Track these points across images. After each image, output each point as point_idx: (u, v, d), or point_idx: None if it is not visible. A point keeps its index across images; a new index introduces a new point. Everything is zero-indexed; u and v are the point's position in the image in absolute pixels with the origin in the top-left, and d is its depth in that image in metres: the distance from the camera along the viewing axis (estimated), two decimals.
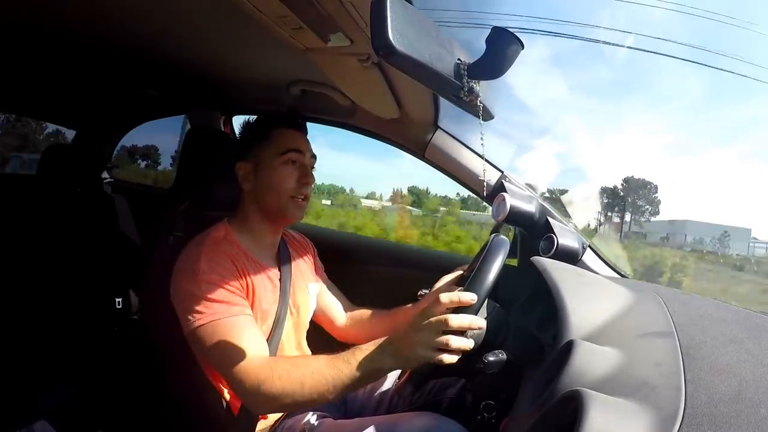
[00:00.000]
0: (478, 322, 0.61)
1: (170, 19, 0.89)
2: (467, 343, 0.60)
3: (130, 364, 1.20)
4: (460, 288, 0.68)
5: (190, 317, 0.74)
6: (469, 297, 0.61)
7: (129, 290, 1.41)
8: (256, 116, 0.92)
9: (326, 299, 1.05)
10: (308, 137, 0.93)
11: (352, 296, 1.10)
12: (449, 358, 0.60)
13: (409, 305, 0.98)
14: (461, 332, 0.61)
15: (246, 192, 0.88)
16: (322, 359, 0.68)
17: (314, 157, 0.91)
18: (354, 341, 1.03)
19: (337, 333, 1.06)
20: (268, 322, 0.85)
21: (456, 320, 0.59)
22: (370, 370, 0.65)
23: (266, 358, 0.74)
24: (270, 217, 0.89)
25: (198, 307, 0.74)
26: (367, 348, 0.66)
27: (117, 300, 1.39)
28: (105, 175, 1.89)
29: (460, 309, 0.61)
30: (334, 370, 0.65)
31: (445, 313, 0.61)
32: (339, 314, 1.05)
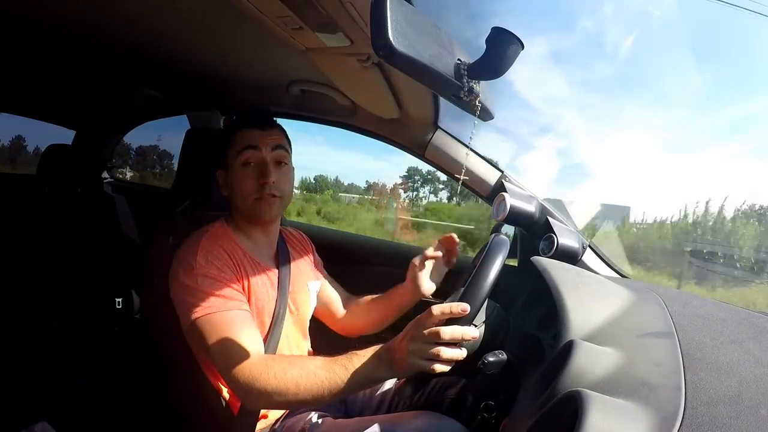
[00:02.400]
0: (471, 332, 0.62)
1: (170, 19, 0.89)
2: (459, 353, 0.62)
3: (131, 364, 1.20)
4: (460, 290, 0.68)
5: (187, 311, 0.74)
6: (461, 308, 0.61)
7: (129, 290, 1.41)
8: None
9: (327, 295, 1.05)
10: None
11: (351, 295, 1.10)
12: (441, 368, 0.61)
13: (404, 283, 0.96)
14: (454, 342, 0.62)
15: (228, 198, 0.89)
16: (319, 361, 0.68)
17: (280, 148, 0.86)
18: (356, 332, 1.03)
19: (340, 327, 1.06)
20: (267, 320, 0.85)
21: (448, 333, 0.60)
22: (366, 378, 0.65)
23: (262, 354, 0.73)
24: (249, 221, 0.88)
25: (195, 301, 0.74)
26: (365, 354, 0.66)
27: (117, 300, 1.39)
28: (105, 174, 1.89)
29: (453, 319, 0.62)
30: (330, 374, 0.65)
31: (439, 324, 0.62)
32: (338, 307, 1.06)
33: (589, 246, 1.02)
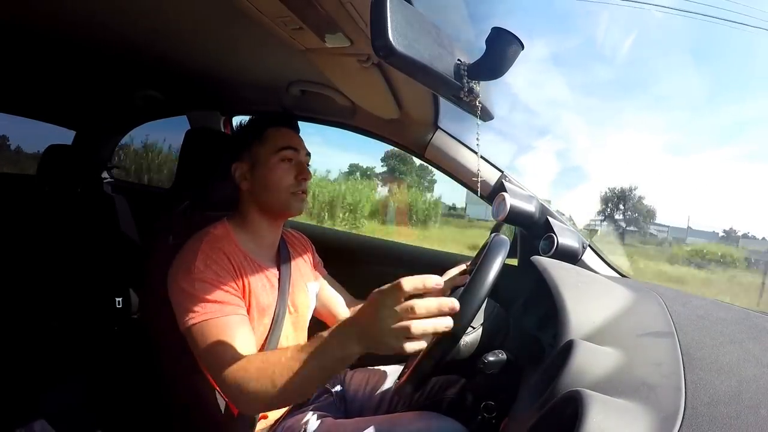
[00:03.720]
0: (449, 303, 0.54)
1: (170, 20, 0.89)
2: (436, 324, 0.54)
3: (130, 364, 1.20)
4: (460, 289, 0.68)
5: (184, 316, 0.74)
6: (435, 283, 0.55)
7: (129, 290, 1.41)
8: (250, 116, 0.93)
9: (327, 294, 1.05)
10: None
11: (352, 296, 1.10)
12: (413, 346, 0.54)
13: None
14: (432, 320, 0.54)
15: (244, 191, 0.88)
16: (290, 351, 0.64)
17: (309, 154, 0.91)
18: None
19: None
20: (267, 321, 0.85)
21: (423, 307, 0.53)
22: (336, 358, 0.60)
23: (244, 358, 0.70)
24: (271, 214, 0.89)
25: (192, 306, 0.74)
26: (331, 335, 0.61)
27: (117, 300, 1.39)
28: (105, 174, 1.89)
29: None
30: (300, 364, 0.61)
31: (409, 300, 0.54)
32: (341, 309, 1.05)
33: (589, 246, 1.02)
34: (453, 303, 0.55)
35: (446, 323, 0.54)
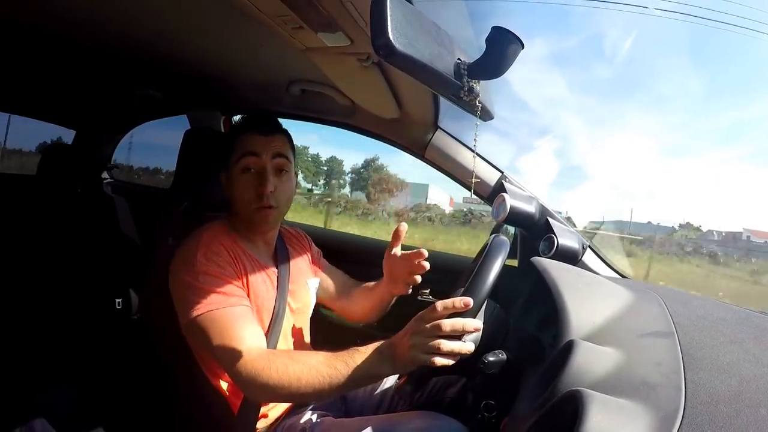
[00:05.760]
0: (473, 324, 0.62)
1: (170, 19, 0.89)
2: (461, 346, 0.61)
3: (130, 365, 1.20)
4: (460, 290, 0.68)
5: (187, 308, 0.74)
6: (464, 302, 0.62)
7: (129, 291, 1.41)
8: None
9: (325, 287, 1.05)
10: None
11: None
12: (442, 361, 0.61)
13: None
14: (457, 336, 0.62)
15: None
16: (321, 357, 0.68)
17: (281, 156, 0.84)
18: (353, 319, 1.05)
19: (339, 311, 1.07)
20: (266, 318, 0.85)
21: (448, 324, 0.61)
22: (368, 374, 0.65)
23: (265, 349, 0.74)
24: (247, 226, 0.87)
25: (196, 298, 0.74)
26: (366, 351, 0.66)
27: (117, 300, 1.39)
28: (105, 175, 1.89)
29: (456, 314, 0.62)
30: (331, 370, 0.65)
31: (441, 318, 0.62)
32: (338, 294, 1.06)
33: (589, 246, 1.02)
34: (477, 324, 0.63)
35: (469, 348, 0.62)
